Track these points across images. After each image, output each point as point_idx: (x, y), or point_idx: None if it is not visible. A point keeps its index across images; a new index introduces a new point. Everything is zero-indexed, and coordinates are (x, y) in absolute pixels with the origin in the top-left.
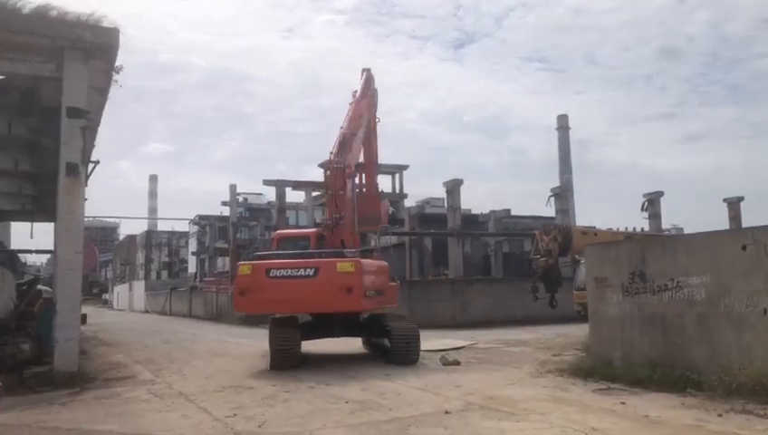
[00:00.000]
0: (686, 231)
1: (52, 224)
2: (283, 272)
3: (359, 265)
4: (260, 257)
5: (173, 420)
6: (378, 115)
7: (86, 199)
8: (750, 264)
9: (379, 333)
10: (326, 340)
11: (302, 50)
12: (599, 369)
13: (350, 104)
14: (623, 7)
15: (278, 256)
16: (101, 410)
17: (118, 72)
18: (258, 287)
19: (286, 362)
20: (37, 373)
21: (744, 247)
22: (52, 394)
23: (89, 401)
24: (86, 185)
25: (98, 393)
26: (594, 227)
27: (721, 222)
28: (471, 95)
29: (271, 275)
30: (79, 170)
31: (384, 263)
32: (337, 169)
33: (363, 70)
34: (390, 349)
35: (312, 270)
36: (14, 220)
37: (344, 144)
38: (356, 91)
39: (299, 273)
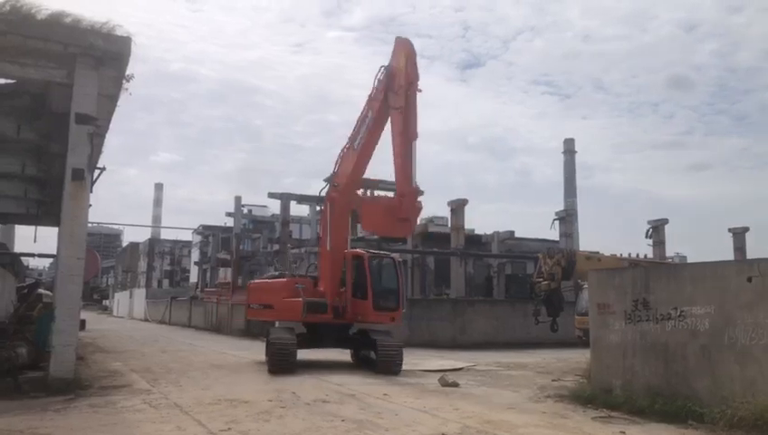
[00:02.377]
0: (690, 260)
1: (57, 228)
2: None
3: None
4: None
5: (166, 431)
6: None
7: (91, 205)
8: (755, 296)
9: (366, 347)
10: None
11: (310, 65)
12: (599, 396)
13: None
14: (632, 35)
15: None
16: (95, 419)
17: (128, 81)
18: None
19: (282, 365)
20: (32, 378)
21: (749, 279)
22: (46, 400)
23: (83, 409)
24: (91, 191)
25: (93, 401)
26: (598, 253)
27: (725, 252)
28: (476, 116)
29: None
30: (84, 176)
31: (280, 281)
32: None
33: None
34: (376, 361)
35: None
36: (18, 223)
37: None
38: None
39: None
